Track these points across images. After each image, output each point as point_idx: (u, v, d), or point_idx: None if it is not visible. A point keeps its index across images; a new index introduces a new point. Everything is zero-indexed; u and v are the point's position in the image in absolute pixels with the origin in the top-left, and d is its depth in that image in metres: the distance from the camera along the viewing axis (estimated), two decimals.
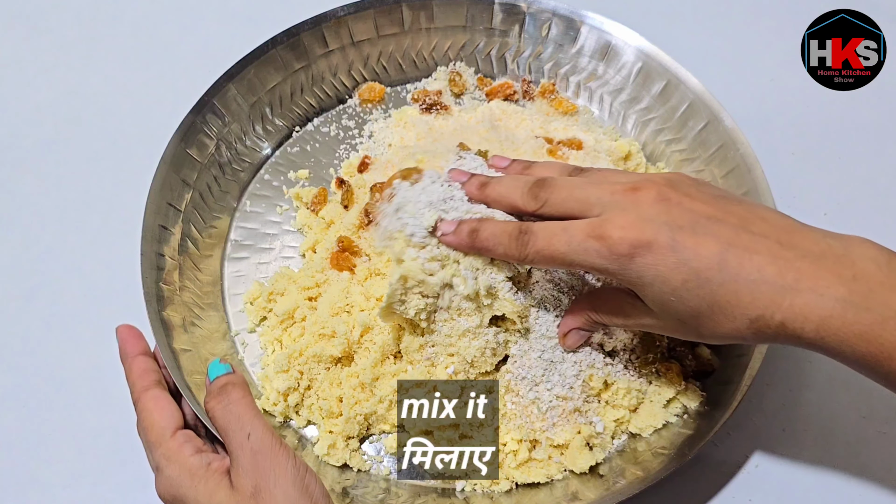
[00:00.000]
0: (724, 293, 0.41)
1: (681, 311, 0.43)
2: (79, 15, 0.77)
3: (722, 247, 0.41)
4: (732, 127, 0.61)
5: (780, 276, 0.41)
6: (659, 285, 0.42)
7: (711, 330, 0.43)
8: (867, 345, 0.40)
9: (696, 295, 0.42)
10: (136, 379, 0.49)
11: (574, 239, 0.44)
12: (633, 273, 0.43)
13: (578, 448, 0.52)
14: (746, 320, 0.41)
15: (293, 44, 0.65)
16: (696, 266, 0.41)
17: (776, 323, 0.41)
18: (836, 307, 0.40)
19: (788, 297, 0.40)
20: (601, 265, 0.43)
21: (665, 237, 0.42)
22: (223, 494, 0.43)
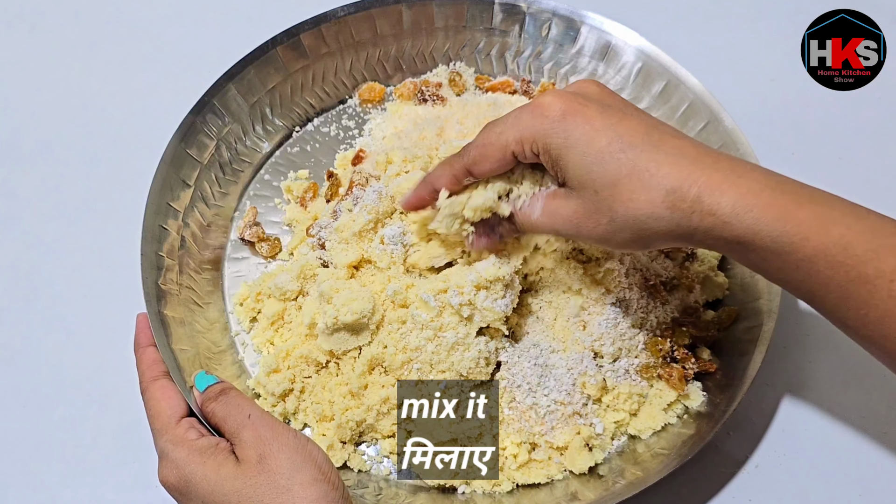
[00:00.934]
0: (644, 160, 0.42)
1: (599, 178, 0.43)
2: (79, 15, 0.77)
3: (649, 125, 0.43)
4: (732, 127, 0.61)
5: (700, 156, 0.42)
6: (583, 146, 0.43)
7: (626, 203, 0.42)
8: (783, 223, 0.40)
9: (617, 159, 0.42)
10: (145, 369, 0.50)
11: (508, 119, 0.46)
12: (561, 132, 0.43)
13: (578, 449, 0.52)
14: (663, 191, 0.41)
15: (293, 44, 0.65)
16: (621, 131, 0.43)
17: (692, 196, 0.41)
18: (752, 185, 0.40)
19: (707, 171, 0.41)
20: (531, 127, 0.44)
21: (596, 107, 0.44)
22: (230, 467, 0.43)
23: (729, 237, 0.41)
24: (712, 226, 0.41)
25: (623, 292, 0.54)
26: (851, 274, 0.39)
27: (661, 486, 0.49)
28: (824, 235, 0.40)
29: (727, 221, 0.40)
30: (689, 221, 0.41)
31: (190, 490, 0.43)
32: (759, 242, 0.40)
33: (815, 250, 0.40)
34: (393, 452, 0.53)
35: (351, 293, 0.51)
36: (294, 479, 0.42)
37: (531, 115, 0.44)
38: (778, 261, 0.41)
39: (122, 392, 0.57)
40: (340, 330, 0.52)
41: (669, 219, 0.41)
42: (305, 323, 0.54)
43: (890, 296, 0.39)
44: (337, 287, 0.52)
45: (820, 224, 0.40)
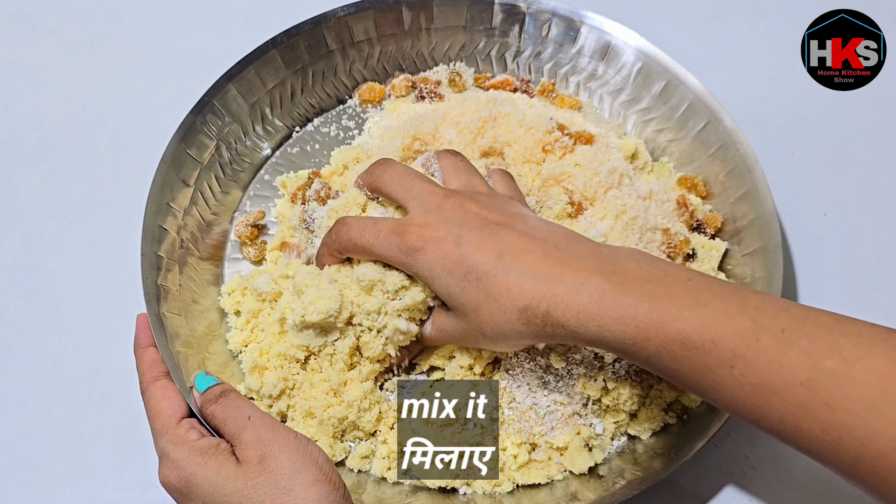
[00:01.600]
0: (496, 284, 0.45)
1: (464, 302, 0.46)
2: (79, 15, 0.77)
3: (503, 246, 0.46)
4: (732, 127, 0.61)
5: (547, 270, 0.44)
6: (445, 277, 0.46)
7: (490, 323, 0.46)
8: (624, 328, 0.42)
9: (475, 287, 0.45)
10: (145, 369, 0.51)
11: (381, 233, 0.49)
12: (424, 265, 0.47)
13: (577, 449, 0.52)
14: (516, 310, 0.44)
15: (293, 44, 0.65)
16: (474, 261, 0.45)
17: (542, 312, 0.44)
18: (593, 295, 0.43)
19: (552, 287, 0.43)
20: (398, 258, 0.48)
21: (453, 235, 0.46)
22: (231, 467, 0.43)
23: (583, 340, 0.44)
24: (565, 335, 0.44)
25: None
26: (696, 365, 0.41)
27: (661, 486, 0.49)
28: (663, 334, 0.41)
29: (575, 331, 0.43)
30: (545, 331, 0.44)
31: (191, 490, 0.43)
32: (608, 345, 0.43)
33: (657, 348, 0.42)
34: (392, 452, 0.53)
35: (318, 291, 0.51)
36: (295, 480, 0.42)
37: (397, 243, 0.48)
38: (631, 357, 0.43)
39: (122, 392, 0.57)
40: (308, 328, 0.52)
41: (528, 331, 0.45)
42: (276, 317, 0.54)
43: (734, 381, 0.40)
44: (307, 282, 0.51)
45: (658, 323, 0.41)
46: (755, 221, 0.58)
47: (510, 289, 0.44)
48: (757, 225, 0.58)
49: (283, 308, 0.53)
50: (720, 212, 0.62)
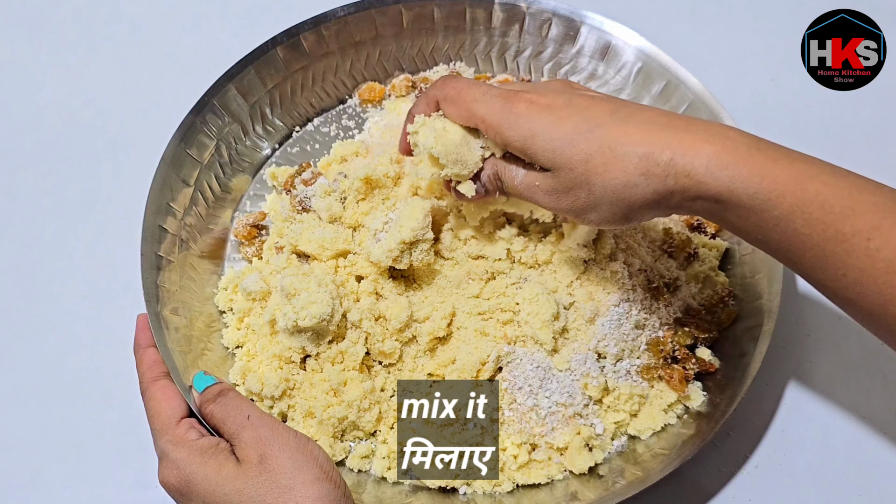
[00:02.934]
0: (613, 132, 0.42)
1: (571, 157, 0.43)
2: (79, 15, 0.77)
3: (615, 105, 0.44)
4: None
5: (671, 122, 0.42)
6: (549, 132, 0.44)
7: (601, 175, 0.42)
8: (759, 180, 0.40)
9: (586, 138, 0.43)
10: (145, 369, 0.50)
11: (489, 93, 0.46)
12: (525, 125, 0.44)
13: (578, 449, 0.52)
14: (635, 157, 0.41)
15: (293, 44, 0.65)
16: (587, 115, 0.43)
17: (665, 159, 0.41)
18: (727, 143, 0.40)
19: (679, 134, 0.41)
20: (496, 117, 0.45)
21: (563, 99, 0.45)
22: (231, 467, 0.43)
23: (706, 196, 0.41)
24: (687, 186, 0.41)
25: (627, 293, 0.54)
26: (829, 232, 0.39)
27: (661, 486, 0.49)
28: (801, 192, 0.39)
29: (702, 181, 0.40)
30: (665, 185, 0.41)
31: (191, 490, 0.43)
32: (736, 200, 0.40)
33: (791, 207, 0.40)
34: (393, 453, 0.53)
35: (310, 296, 0.51)
36: (296, 479, 0.42)
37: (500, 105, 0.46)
38: (755, 218, 0.41)
39: (122, 392, 0.57)
40: (301, 331, 0.52)
41: (645, 185, 0.42)
42: (266, 319, 0.53)
43: (867, 254, 0.38)
44: (296, 286, 0.51)
45: (797, 180, 0.39)
46: None
47: (629, 135, 0.42)
48: None
49: (273, 310, 0.53)
50: None
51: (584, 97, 0.45)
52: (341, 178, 0.59)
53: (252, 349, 0.55)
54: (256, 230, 0.61)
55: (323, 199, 0.58)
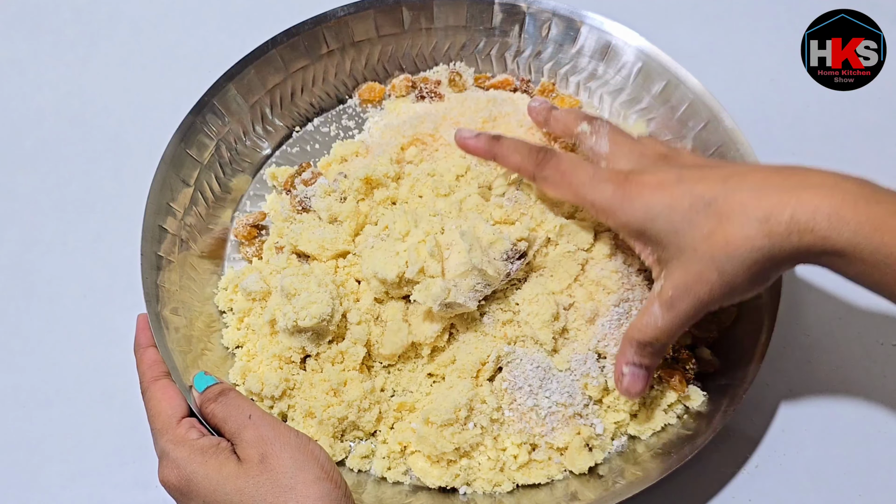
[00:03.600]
0: (729, 204, 0.42)
1: (694, 236, 0.43)
2: (79, 15, 0.77)
3: (725, 173, 0.44)
4: (732, 127, 0.61)
5: (784, 180, 0.42)
6: (667, 213, 0.44)
7: (724, 248, 0.42)
8: (882, 235, 0.40)
9: (703, 215, 0.43)
10: (145, 369, 0.50)
11: (597, 176, 0.47)
12: (641, 207, 0.45)
13: (577, 449, 0.52)
14: (756, 223, 0.42)
15: (293, 44, 0.65)
16: (700, 191, 0.43)
17: (786, 218, 0.41)
18: (846, 197, 0.40)
19: (796, 193, 0.41)
20: (607, 203, 0.46)
21: (673, 174, 0.45)
22: (232, 466, 0.43)
23: (831, 251, 0.41)
24: (812, 243, 0.41)
25: (626, 293, 0.54)
26: None
27: (661, 486, 0.49)
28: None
29: (826, 236, 0.41)
30: (789, 242, 0.41)
31: (191, 490, 0.43)
32: (860, 255, 0.41)
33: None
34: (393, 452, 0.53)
35: (310, 296, 0.51)
36: (297, 478, 0.42)
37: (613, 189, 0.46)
38: (878, 273, 0.41)
39: (122, 392, 0.57)
40: (301, 331, 0.52)
41: (770, 246, 0.42)
42: (266, 319, 0.53)
43: None
44: (296, 286, 0.51)
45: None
46: None
47: (745, 204, 0.42)
48: None
49: (273, 310, 0.53)
50: None
51: (693, 170, 0.45)
52: (341, 178, 0.59)
53: (252, 349, 0.55)
54: (256, 230, 0.61)
55: (323, 199, 0.58)
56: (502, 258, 0.50)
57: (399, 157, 0.60)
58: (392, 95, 0.68)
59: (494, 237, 0.50)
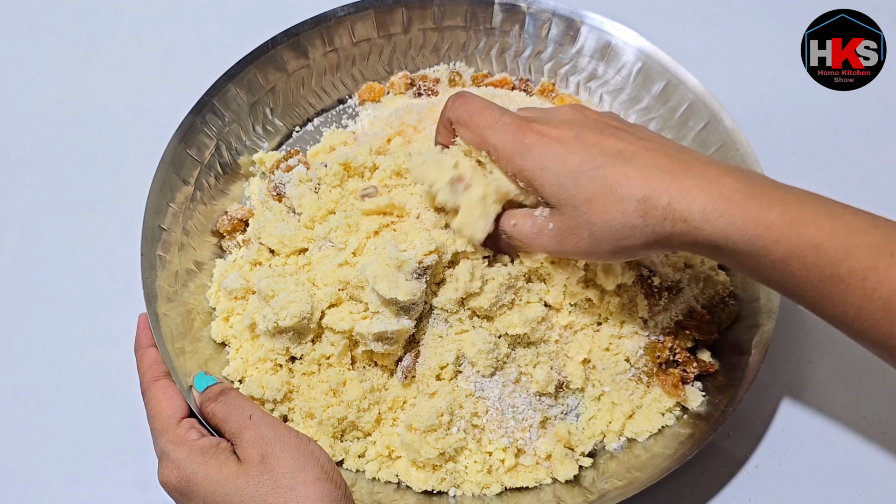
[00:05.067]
0: (615, 174, 0.43)
1: (575, 194, 0.44)
2: (79, 15, 0.77)
3: (622, 145, 0.44)
4: (732, 127, 0.61)
5: (670, 166, 0.43)
6: (557, 167, 0.45)
7: (602, 215, 0.44)
8: (755, 227, 0.41)
9: (590, 177, 0.44)
10: (146, 369, 0.50)
11: (500, 121, 0.47)
12: (535, 159, 0.46)
13: (560, 459, 0.52)
14: (634, 201, 0.43)
15: (293, 44, 0.65)
16: (594, 153, 0.44)
17: (664, 203, 0.42)
18: (723, 191, 0.41)
19: (677, 180, 0.42)
20: (507, 150, 0.47)
21: (572, 132, 0.46)
22: (232, 466, 0.43)
23: (703, 241, 0.42)
24: (685, 231, 0.42)
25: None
26: (825, 273, 0.40)
27: (661, 486, 0.49)
28: (795, 238, 0.40)
29: (699, 227, 0.42)
30: (663, 228, 0.42)
31: (191, 490, 0.43)
32: (732, 246, 0.42)
33: (787, 252, 0.41)
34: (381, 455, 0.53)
35: (288, 295, 0.51)
36: (297, 479, 0.42)
37: (514, 133, 0.47)
38: (752, 262, 0.42)
39: (122, 392, 0.57)
40: (282, 332, 0.52)
41: (643, 227, 0.43)
42: (246, 324, 0.53)
43: (863, 294, 0.40)
44: (273, 287, 0.51)
45: (791, 226, 0.40)
46: None
47: (630, 178, 0.43)
48: None
49: (252, 314, 0.53)
50: None
51: (592, 132, 0.46)
52: (321, 167, 0.58)
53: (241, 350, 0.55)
54: (243, 224, 0.61)
55: (297, 186, 0.57)
56: (414, 277, 0.49)
57: (382, 149, 0.60)
58: (391, 93, 0.68)
59: (400, 260, 0.49)
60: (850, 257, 0.40)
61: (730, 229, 0.41)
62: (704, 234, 0.42)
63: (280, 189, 0.59)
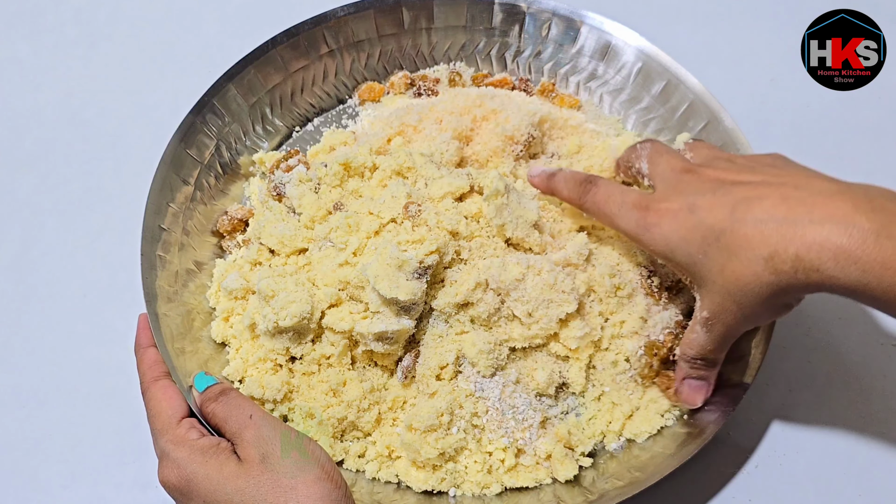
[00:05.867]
0: (735, 238, 0.43)
1: (710, 268, 0.45)
2: (79, 15, 0.77)
3: (736, 201, 0.44)
4: (732, 127, 0.61)
5: (789, 212, 0.42)
6: (684, 247, 0.45)
7: (736, 283, 0.44)
8: (892, 274, 0.39)
9: (715, 248, 0.44)
10: (146, 369, 0.51)
11: (625, 205, 0.49)
12: (660, 239, 0.46)
13: (560, 459, 0.52)
14: (761, 261, 0.42)
15: (293, 44, 0.65)
16: (710, 222, 0.44)
17: (791, 256, 0.41)
18: (854, 234, 0.39)
19: (800, 229, 0.41)
20: (635, 233, 0.48)
21: (687, 203, 0.46)
22: (232, 466, 0.43)
23: (838, 289, 0.41)
24: (819, 281, 0.41)
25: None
26: None
27: (661, 486, 0.49)
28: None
29: (833, 275, 0.40)
30: (797, 279, 0.42)
31: (191, 490, 0.43)
32: (871, 293, 0.40)
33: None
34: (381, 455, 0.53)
35: (288, 295, 0.51)
36: (298, 478, 0.42)
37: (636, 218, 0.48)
38: (892, 308, 0.41)
39: (122, 392, 0.57)
40: (282, 332, 0.52)
41: (778, 282, 0.42)
42: (246, 324, 0.53)
43: None
44: (273, 287, 0.51)
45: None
46: None
47: (749, 239, 0.42)
48: None
49: (252, 314, 0.53)
50: None
51: (706, 196, 0.46)
52: (321, 167, 0.58)
53: (241, 350, 0.55)
54: (243, 224, 0.61)
55: (297, 186, 0.57)
56: (415, 277, 0.49)
57: (382, 149, 0.60)
58: (391, 93, 0.68)
59: (401, 260, 0.49)
60: None
61: (866, 277, 0.39)
62: (840, 282, 0.40)
63: (280, 189, 0.59)
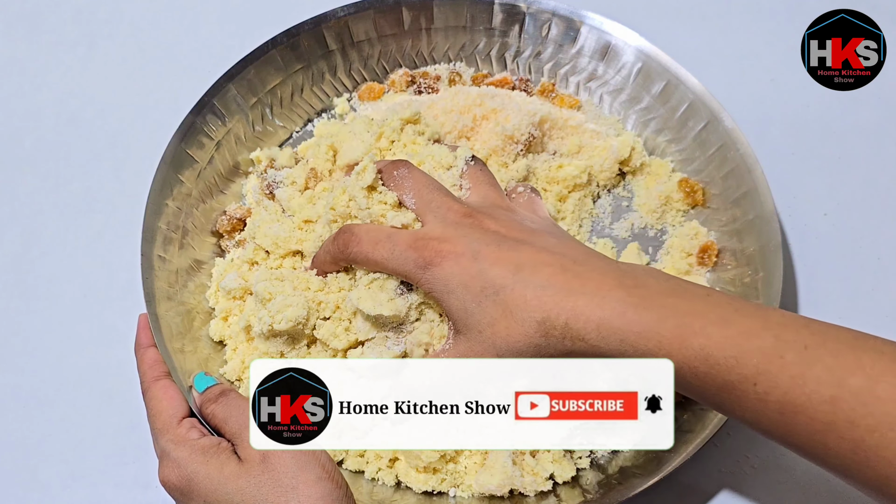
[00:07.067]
0: (514, 297, 0.43)
1: (480, 319, 0.45)
2: (79, 15, 0.77)
3: (520, 260, 0.45)
4: (732, 127, 0.61)
5: (565, 283, 0.43)
6: (461, 292, 0.45)
7: (505, 339, 0.44)
8: (646, 342, 0.41)
9: (492, 301, 0.44)
10: (146, 369, 0.51)
11: (397, 248, 0.47)
12: (440, 280, 0.45)
13: (559, 459, 0.52)
14: (534, 323, 0.43)
15: (293, 44, 0.65)
16: (492, 276, 0.44)
17: (561, 324, 0.42)
18: (615, 307, 0.42)
19: (572, 299, 0.42)
20: (413, 273, 0.46)
21: (471, 250, 0.45)
22: (233, 466, 0.43)
23: (603, 355, 0.43)
24: (585, 349, 0.43)
25: None
26: (717, 382, 0.40)
27: (661, 486, 0.49)
28: (685, 350, 0.41)
29: (596, 345, 0.42)
30: (563, 346, 0.43)
31: (192, 490, 0.43)
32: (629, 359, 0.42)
33: (679, 364, 0.41)
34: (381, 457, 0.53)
35: (285, 299, 0.50)
36: (298, 478, 0.42)
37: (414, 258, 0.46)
38: None
39: (122, 392, 0.57)
40: (276, 335, 0.52)
41: (547, 344, 0.43)
42: (241, 326, 0.53)
43: (757, 398, 0.39)
44: (271, 290, 0.51)
45: (681, 339, 0.41)
46: (755, 221, 0.58)
47: (528, 301, 0.43)
48: (757, 225, 0.58)
49: (248, 316, 0.53)
50: (720, 212, 0.62)
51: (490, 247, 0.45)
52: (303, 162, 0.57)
53: (237, 351, 0.55)
54: (242, 223, 0.61)
55: (286, 188, 0.57)
56: (398, 294, 0.50)
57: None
58: (391, 91, 0.68)
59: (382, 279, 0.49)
60: (740, 364, 0.39)
61: (623, 345, 0.41)
62: (602, 350, 0.42)
63: (273, 187, 0.59)
